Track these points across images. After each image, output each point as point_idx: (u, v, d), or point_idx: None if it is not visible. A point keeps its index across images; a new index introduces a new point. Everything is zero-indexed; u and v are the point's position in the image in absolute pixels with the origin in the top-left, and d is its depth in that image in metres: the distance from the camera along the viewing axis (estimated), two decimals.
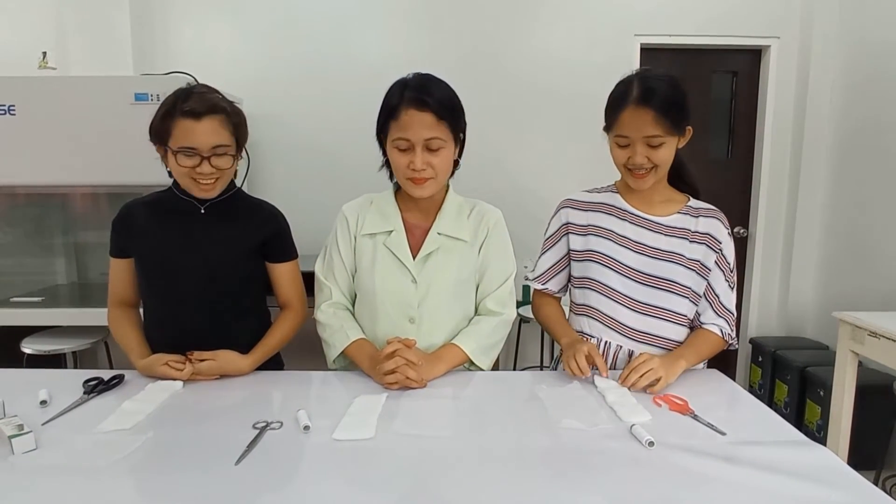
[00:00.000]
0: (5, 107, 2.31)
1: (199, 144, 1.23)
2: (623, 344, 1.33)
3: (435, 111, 1.20)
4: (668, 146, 1.23)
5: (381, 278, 1.31)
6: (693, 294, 1.32)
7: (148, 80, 2.44)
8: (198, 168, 1.24)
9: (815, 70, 3.04)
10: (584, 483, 0.86)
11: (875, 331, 1.89)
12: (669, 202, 1.35)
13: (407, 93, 1.21)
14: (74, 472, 0.87)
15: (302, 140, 3.09)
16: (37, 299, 2.55)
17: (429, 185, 1.26)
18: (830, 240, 3.06)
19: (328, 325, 1.35)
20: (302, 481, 0.87)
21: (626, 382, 1.18)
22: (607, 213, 1.35)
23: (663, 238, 1.31)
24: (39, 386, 1.16)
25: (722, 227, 1.33)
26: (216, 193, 1.32)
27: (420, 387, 1.20)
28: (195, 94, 1.25)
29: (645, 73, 1.25)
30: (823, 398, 2.53)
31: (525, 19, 3.07)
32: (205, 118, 1.23)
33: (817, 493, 0.82)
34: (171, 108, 1.24)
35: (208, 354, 1.26)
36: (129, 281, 1.40)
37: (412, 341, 1.23)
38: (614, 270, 1.32)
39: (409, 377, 1.18)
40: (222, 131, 1.26)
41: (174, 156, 1.24)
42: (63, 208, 2.84)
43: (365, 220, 1.35)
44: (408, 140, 1.21)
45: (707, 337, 1.34)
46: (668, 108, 1.19)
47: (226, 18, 3.05)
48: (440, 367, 1.27)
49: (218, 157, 1.26)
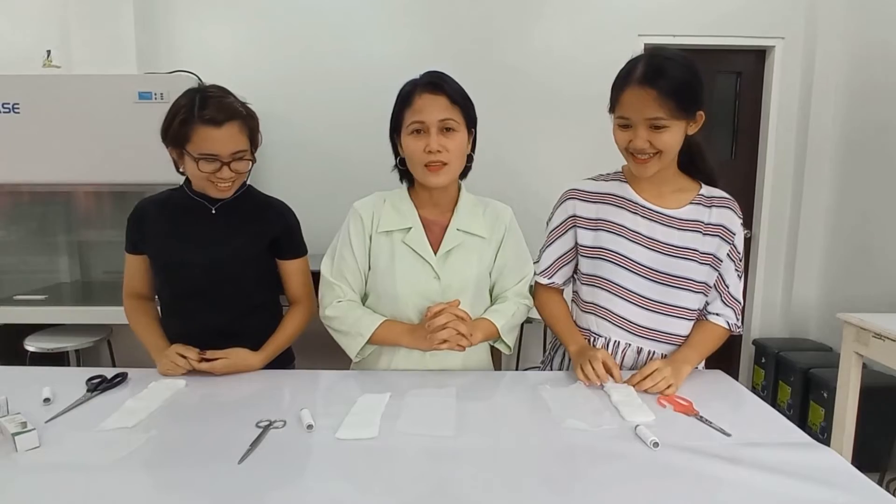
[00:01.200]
0: (10, 105, 2.32)
1: (220, 151, 1.24)
2: (632, 342, 1.30)
3: (449, 95, 1.23)
4: (673, 131, 1.15)
5: (402, 276, 1.29)
6: (706, 288, 1.29)
7: (152, 78, 2.45)
8: (218, 173, 1.26)
9: (820, 71, 3.03)
10: (588, 484, 0.85)
11: (879, 332, 1.88)
12: (681, 192, 1.28)
13: (420, 82, 1.25)
14: (77, 470, 0.87)
15: (305, 139, 3.09)
16: (40, 297, 2.56)
17: (444, 172, 1.24)
18: (834, 241, 3.05)
19: (345, 317, 1.31)
20: (305, 480, 0.87)
21: (638, 388, 1.18)
22: (617, 205, 1.29)
23: (676, 233, 1.25)
24: (43, 384, 1.16)
25: (735, 217, 1.28)
26: (232, 193, 1.34)
27: (469, 344, 1.23)
28: (213, 100, 1.25)
29: (655, 51, 1.18)
30: (827, 400, 2.52)
31: (528, 19, 3.07)
32: (225, 125, 1.24)
33: (822, 494, 0.82)
34: (188, 113, 1.23)
35: (221, 353, 1.27)
36: (143, 276, 1.43)
37: (457, 301, 1.25)
38: (627, 269, 1.27)
39: (460, 331, 1.20)
40: (241, 137, 1.27)
41: (195, 161, 1.24)
42: (67, 206, 2.85)
43: (381, 218, 1.32)
44: (422, 122, 1.22)
45: (712, 332, 1.31)
46: (673, 89, 1.11)
47: (229, 17, 3.05)
48: (477, 335, 1.27)
49: (237, 162, 1.28)
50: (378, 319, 1.29)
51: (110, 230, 2.81)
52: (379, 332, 1.29)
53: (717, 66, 3.23)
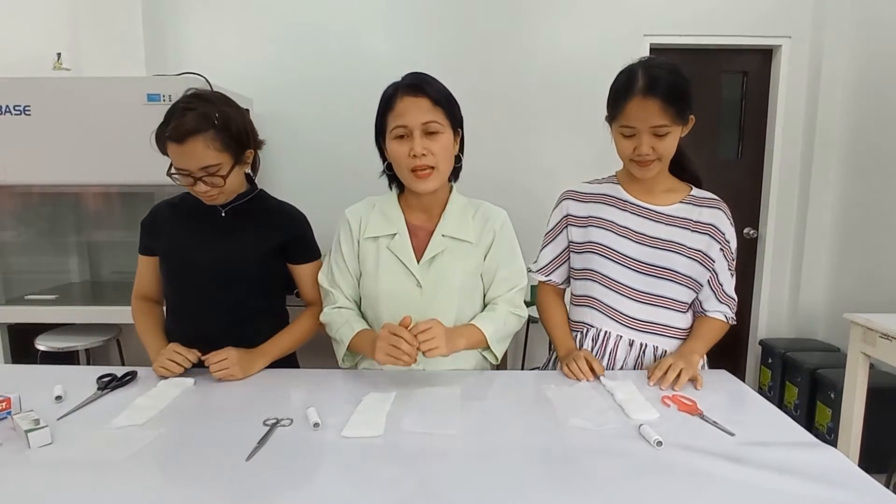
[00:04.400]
0: (21, 107, 2.35)
1: (188, 167, 1.24)
2: (623, 334, 1.34)
3: (430, 96, 1.21)
4: (673, 135, 1.23)
5: (385, 282, 1.29)
6: (693, 282, 1.32)
7: (160, 80, 2.47)
8: (193, 187, 1.27)
9: (827, 70, 3.02)
10: (592, 483, 0.86)
11: (887, 333, 1.87)
12: (671, 192, 1.35)
13: (401, 84, 1.24)
14: (89, 466, 0.89)
15: (312, 141, 3.11)
16: (51, 297, 2.59)
17: (431, 177, 1.24)
18: (841, 241, 3.03)
19: (333, 322, 1.34)
20: (311, 478, 0.88)
21: (663, 385, 1.21)
22: (608, 204, 1.35)
23: (663, 227, 1.31)
24: (54, 382, 1.18)
25: (725, 217, 1.34)
26: (223, 201, 1.35)
27: (412, 362, 1.15)
28: (176, 115, 1.21)
29: (649, 61, 1.24)
30: (834, 401, 2.50)
31: (534, 19, 3.07)
32: (188, 141, 1.20)
33: (827, 494, 0.82)
34: (160, 129, 1.23)
35: (222, 353, 1.27)
36: (152, 279, 1.45)
37: (408, 319, 1.18)
38: (616, 262, 1.32)
39: (403, 349, 1.13)
40: (208, 151, 1.22)
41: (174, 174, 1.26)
42: (77, 207, 2.88)
43: (368, 224, 1.33)
44: (405, 126, 1.21)
45: (712, 325, 1.36)
46: (673, 97, 1.18)
47: (237, 20, 3.07)
48: (460, 342, 1.24)
49: (211, 177, 1.25)
50: (356, 329, 1.29)
51: (120, 231, 2.84)
52: (354, 341, 1.29)
53: (724, 65, 3.22)
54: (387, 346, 1.14)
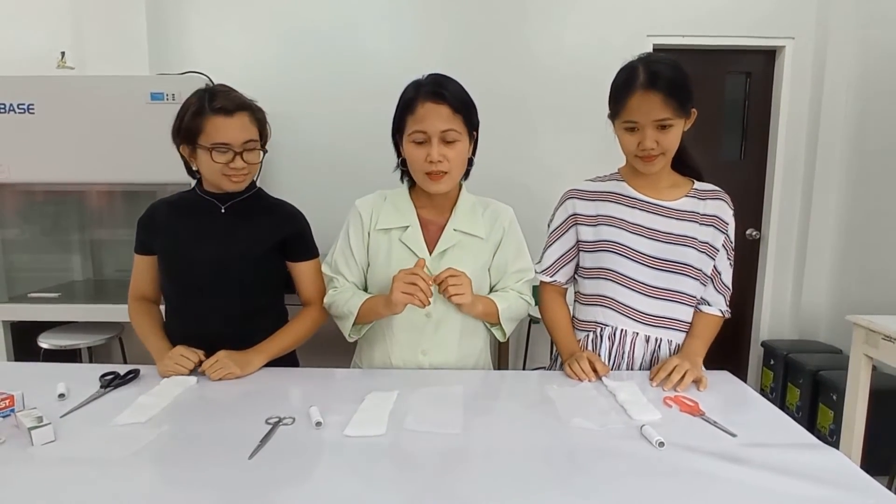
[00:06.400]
0: (25, 105, 2.36)
1: (232, 140, 1.27)
2: (639, 331, 1.34)
3: (451, 104, 1.23)
4: (677, 129, 1.24)
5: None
6: (703, 275, 1.33)
7: (164, 79, 2.48)
8: (231, 164, 1.29)
9: (830, 71, 3.01)
10: (594, 483, 0.86)
11: (889, 334, 1.87)
12: (675, 187, 1.35)
13: (423, 88, 1.24)
14: (91, 464, 0.89)
15: (316, 140, 3.10)
16: (53, 295, 2.60)
17: (445, 180, 1.27)
18: (844, 242, 3.02)
19: (339, 298, 1.34)
20: (314, 476, 0.88)
21: (666, 386, 1.21)
22: (615, 201, 1.35)
23: (675, 222, 1.32)
24: (57, 379, 1.18)
25: (727, 207, 1.35)
26: (244, 186, 1.37)
27: (427, 303, 1.20)
28: (221, 93, 1.30)
29: (648, 57, 1.25)
30: (836, 402, 2.50)
31: (537, 19, 3.07)
32: (236, 114, 1.28)
33: (828, 496, 0.82)
34: (199, 107, 1.27)
35: (213, 357, 1.27)
36: (150, 278, 1.44)
37: (422, 261, 1.24)
38: (629, 258, 1.32)
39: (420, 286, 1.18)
40: (251, 127, 1.31)
41: (208, 153, 1.27)
42: (80, 206, 2.89)
43: (380, 216, 1.35)
44: (424, 132, 1.23)
45: (709, 321, 1.37)
46: (674, 90, 1.19)
47: (240, 19, 3.08)
48: (479, 305, 1.30)
49: (249, 153, 1.31)
50: (364, 297, 1.31)
51: (122, 229, 2.84)
52: (366, 305, 1.30)
53: (727, 66, 3.21)
54: (403, 284, 1.19)
